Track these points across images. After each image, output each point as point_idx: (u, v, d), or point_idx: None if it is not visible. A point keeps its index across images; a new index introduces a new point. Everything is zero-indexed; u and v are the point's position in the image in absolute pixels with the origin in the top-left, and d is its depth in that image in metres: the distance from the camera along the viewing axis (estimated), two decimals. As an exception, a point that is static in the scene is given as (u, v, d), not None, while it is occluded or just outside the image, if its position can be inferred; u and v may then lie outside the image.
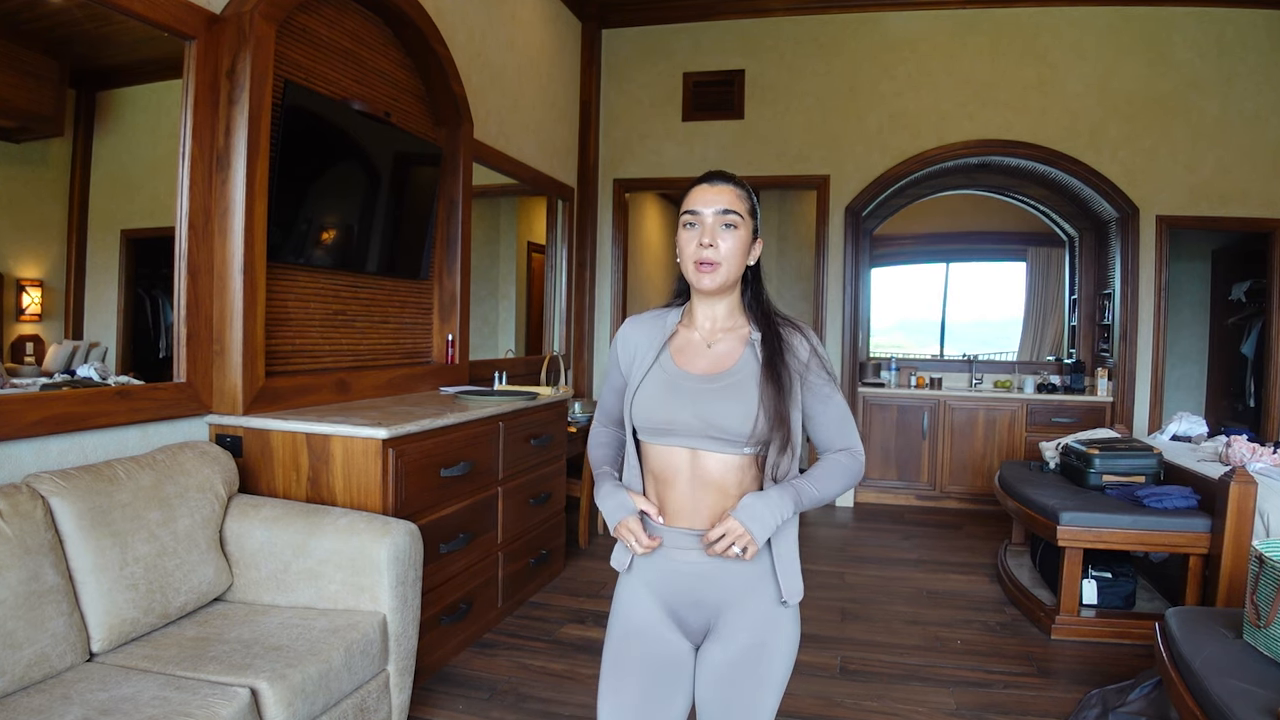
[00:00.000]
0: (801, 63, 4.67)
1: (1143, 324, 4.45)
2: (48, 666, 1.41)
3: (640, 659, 1.10)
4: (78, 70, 1.94)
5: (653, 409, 1.07)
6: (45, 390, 1.76)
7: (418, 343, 3.10)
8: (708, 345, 1.11)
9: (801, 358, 1.09)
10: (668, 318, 1.16)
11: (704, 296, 1.11)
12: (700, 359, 1.10)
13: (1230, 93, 4.28)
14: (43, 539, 1.46)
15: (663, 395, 1.07)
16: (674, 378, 1.08)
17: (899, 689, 2.25)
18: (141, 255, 2.08)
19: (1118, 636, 2.63)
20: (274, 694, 1.43)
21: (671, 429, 1.06)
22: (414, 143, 2.89)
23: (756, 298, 1.13)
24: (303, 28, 2.39)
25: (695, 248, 1.07)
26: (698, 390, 1.06)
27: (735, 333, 1.12)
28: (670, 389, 1.07)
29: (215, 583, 1.79)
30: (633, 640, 1.12)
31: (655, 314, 1.19)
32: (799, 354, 1.09)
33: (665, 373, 1.09)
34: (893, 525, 4.28)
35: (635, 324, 1.18)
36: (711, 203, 1.07)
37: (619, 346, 1.19)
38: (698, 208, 1.08)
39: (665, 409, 1.06)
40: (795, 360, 1.08)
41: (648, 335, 1.15)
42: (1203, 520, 2.51)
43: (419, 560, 1.89)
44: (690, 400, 1.05)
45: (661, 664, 1.10)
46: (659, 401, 1.07)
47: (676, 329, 1.15)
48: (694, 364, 1.10)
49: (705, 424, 1.04)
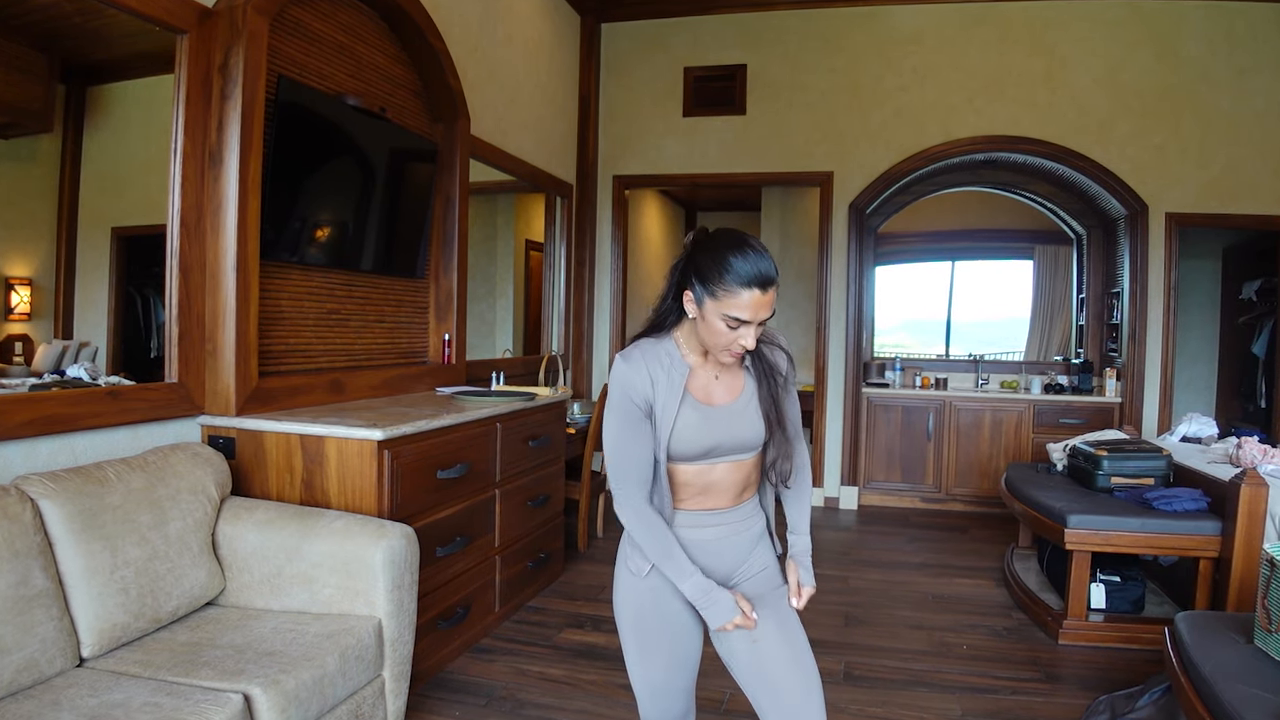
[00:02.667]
0: (804, 57, 4.63)
1: (1152, 323, 4.40)
2: (37, 672, 1.39)
3: (655, 616, 1.29)
4: (67, 65, 1.92)
5: (696, 441, 1.22)
6: (34, 391, 1.75)
7: (414, 342, 3.07)
8: (715, 377, 1.26)
9: (783, 370, 1.30)
10: (668, 353, 1.23)
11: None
12: (716, 390, 1.25)
13: (1241, 87, 4.22)
14: (31, 542, 1.45)
15: (702, 428, 1.22)
16: (706, 413, 1.23)
17: (903, 695, 2.23)
18: (132, 253, 2.06)
19: (1126, 641, 2.60)
20: (267, 700, 1.42)
21: (712, 453, 1.24)
22: (410, 139, 2.87)
23: None
24: (296, 21, 2.36)
25: (734, 342, 1.17)
26: (728, 419, 1.24)
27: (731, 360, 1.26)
28: (707, 421, 1.23)
29: (207, 587, 1.78)
30: (650, 598, 1.29)
31: (649, 349, 1.23)
32: (781, 367, 1.30)
33: (697, 410, 1.23)
34: (897, 528, 4.24)
35: (636, 366, 1.21)
36: (760, 312, 1.14)
37: (632, 392, 1.21)
38: (747, 318, 1.14)
39: (708, 438, 1.23)
40: (778, 373, 1.29)
41: (661, 375, 1.21)
42: (1213, 523, 2.49)
43: (415, 564, 1.87)
44: (725, 427, 1.23)
45: (676, 617, 1.29)
46: (701, 434, 1.22)
47: (691, 367, 1.24)
48: (713, 397, 1.25)
49: (738, 442, 1.24)
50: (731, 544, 1.30)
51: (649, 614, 1.28)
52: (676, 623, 1.29)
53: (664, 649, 1.29)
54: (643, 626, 1.29)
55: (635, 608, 1.29)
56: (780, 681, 1.21)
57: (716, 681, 2.13)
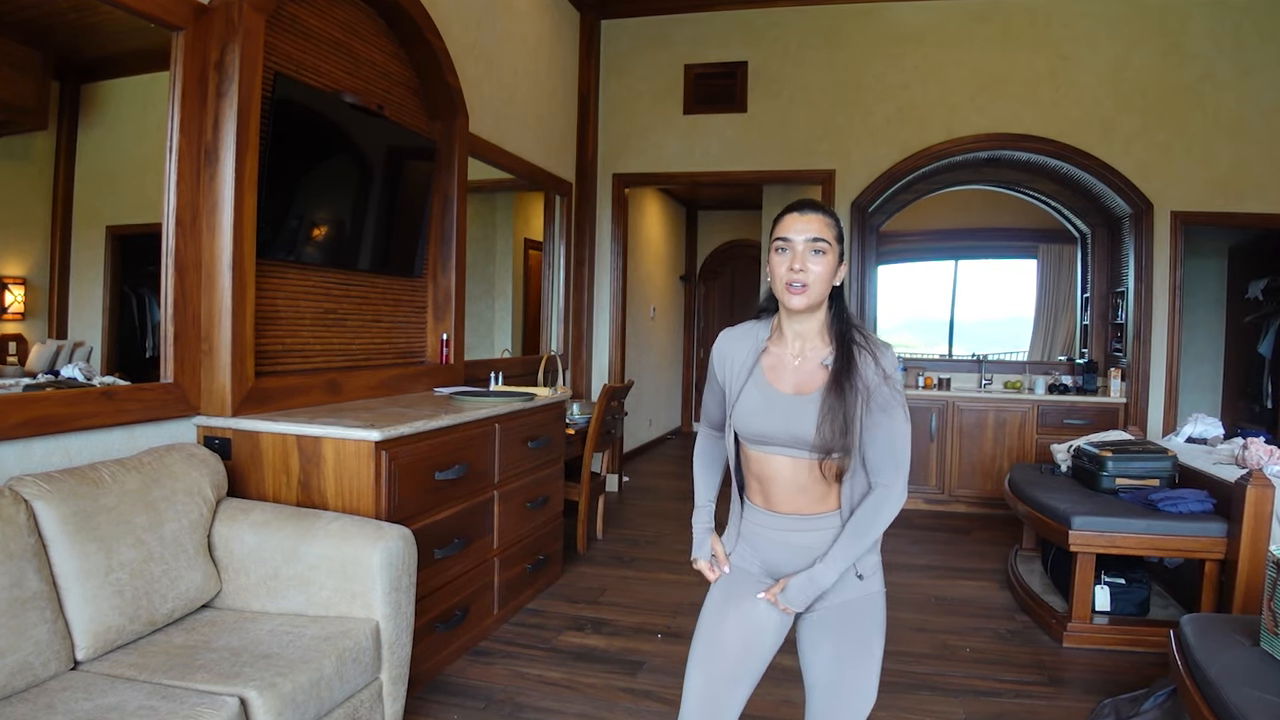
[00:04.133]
0: (806, 54, 4.60)
1: (1157, 323, 4.37)
2: (31, 675, 1.39)
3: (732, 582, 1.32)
4: (62, 62, 1.90)
5: (751, 421, 1.24)
6: (28, 391, 1.74)
7: (411, 342, 3.06)
8: (796, 363, 1.25)
9: (868, 380, 1.21)
10: (758, 331, 1.31)
11: (793, 314, 1.24)
12: (788, 377, 1.25)
13: (1247, 85, 4.19)
14: (25, 544, 1.44)
15: (760, 410, 1.23)
16: (768, 395, 1.24)
17: (907, 698, 2.22)
18: (127, 252, 2.04)
19: (1131, 644, 2.59)
20: (263, 703, 1.41)
21: (768, 439, 1.23)
22: (408, 136, 2.85)
23: (839, 315, 1.26)
24: (293, 18, 2.35)
25: (786, 270, 1.20)
26: (788, 408, 1.21)
27: (819, 353, 1.26)
28: (766, 404, 1.23)
29: (203, 589, 1.76)
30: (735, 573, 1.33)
31: (748, 327, 1.32)
32: (865, 377, 1.21)
33: (760, 389, 1.25)
34: (900, 530, 4.22)
35: (730, 338, 1.33)
36: (802, 231, 1.20)
37: (715, 361, 1.34)
38: (789, 235, 1.21)
39: (762, 422, 1.23)
40: (861, 382, 1.20)
41: (742, 349, 1.29)
42: (1219, 525, 2.47)
43: (413, 566, 1.86)
44: (783, 416, 1.21)
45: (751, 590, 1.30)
46: (757, 415, 1.23)
47: (767, 345, 1.29)
48: (783, 382, 1.24)
49: (794, 438, 1.20)
50: (809, 551, 1.25)
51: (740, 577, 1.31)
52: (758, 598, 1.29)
53: (731, 600, 1.30)
54: (728, 585, 1.32)
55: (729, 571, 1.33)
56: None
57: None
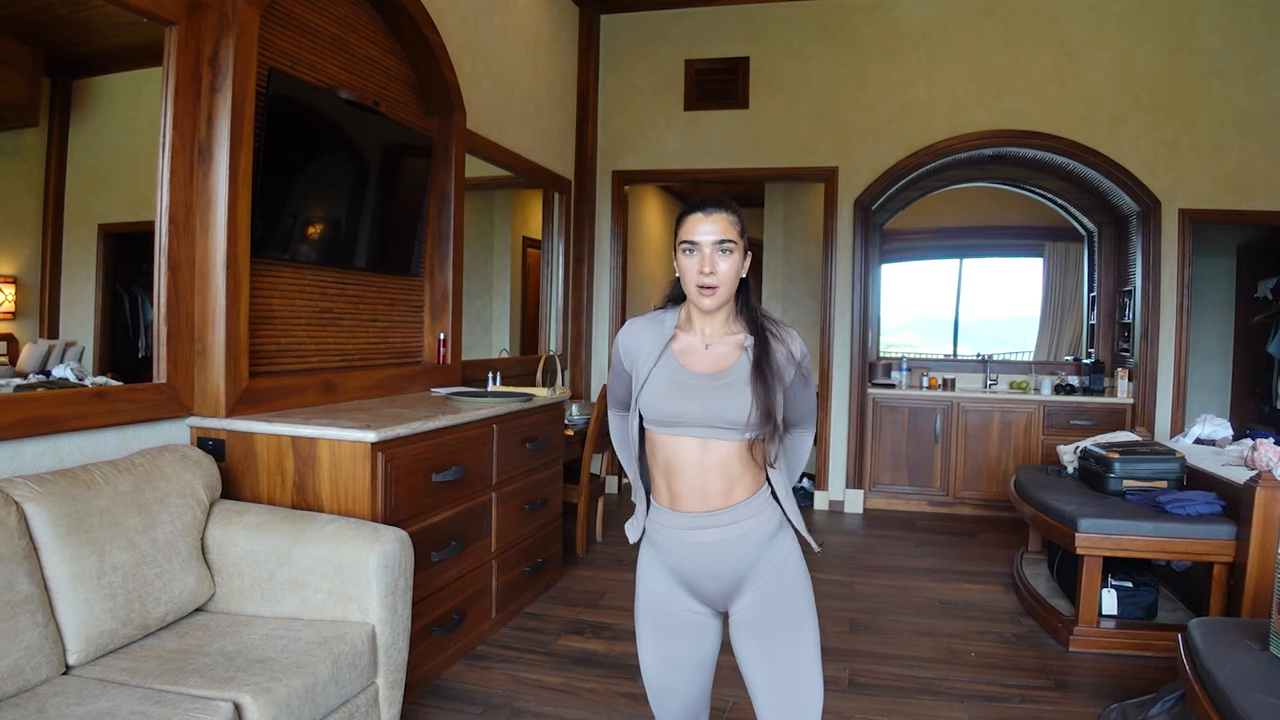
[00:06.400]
0: (809, 50, 4.56)
1: (1165, 322, 4.33)
2: (21, 680, 1.37)
3: (655, 616, 1.31)
4: (53, 57, 1.89)
5: (662, 403, 1.23)
6: (19, 391, 1.73)
7: (408, 342, 3.04)
8: (705, 347, 1.27)
9: (783, 360, 1.27)
10: (665, 320, 1.31)
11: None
12: (702, 360, 1.26)
13: (1256, 81, 4.15)
14: (16, 546, 1.42)
15: (671, 391, 1.23)
16: (681, 376, 1.24)
17: (911, 703, 2.19)
18: (120, 250, 2.03)
19: (1138, 648, 2.57)
20: (257, 708, 1.39)
21: (681, 420, 1.21)
22: (404, 133, 2.83)
23: (746, 304, 1.29)
24: (287, 13, 2.33)
25: (696, 274, 1.22)
26: (703, 387, 1.22)
27: (731, 337, 1.28)
28: (678, 386, 1.23)
29: (197, 592, 1.75)
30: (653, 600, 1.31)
31: (652, 316, 1.33)
32: (781, 357, 1.27)
33: (671, 371, 1.24)
34: (904, 532, 4.19)
35: (633, 326, 1.34)
36: (709, 233, 1.21)
37: (619, 347, 1.35)
38: (696, 238, 1.22)
39: (675, 403, 1.22)
40: (778, 362, 1.26)
41: (648, 336, 1.30)
42: (1227, 527, 2.45)
43: (409, 569, 1.85)
44: (697, 396, 1.21)
45: (678, 623, 1.30)
46: (669, 397, 1.22)
47: (675, 332, 1.29)
48: (697, 364, 1.25)
49: (711, 416, 1.20)
50: (724, 557, 1.22)
51: (653, 591, 1.30)
52: (675, 606, 1.29)
53: (666, 645, 1.30)
54: (647, 593, 1.31)
55: (644, 586, 1.31)
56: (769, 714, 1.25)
57: (719, 690, 2.08)
